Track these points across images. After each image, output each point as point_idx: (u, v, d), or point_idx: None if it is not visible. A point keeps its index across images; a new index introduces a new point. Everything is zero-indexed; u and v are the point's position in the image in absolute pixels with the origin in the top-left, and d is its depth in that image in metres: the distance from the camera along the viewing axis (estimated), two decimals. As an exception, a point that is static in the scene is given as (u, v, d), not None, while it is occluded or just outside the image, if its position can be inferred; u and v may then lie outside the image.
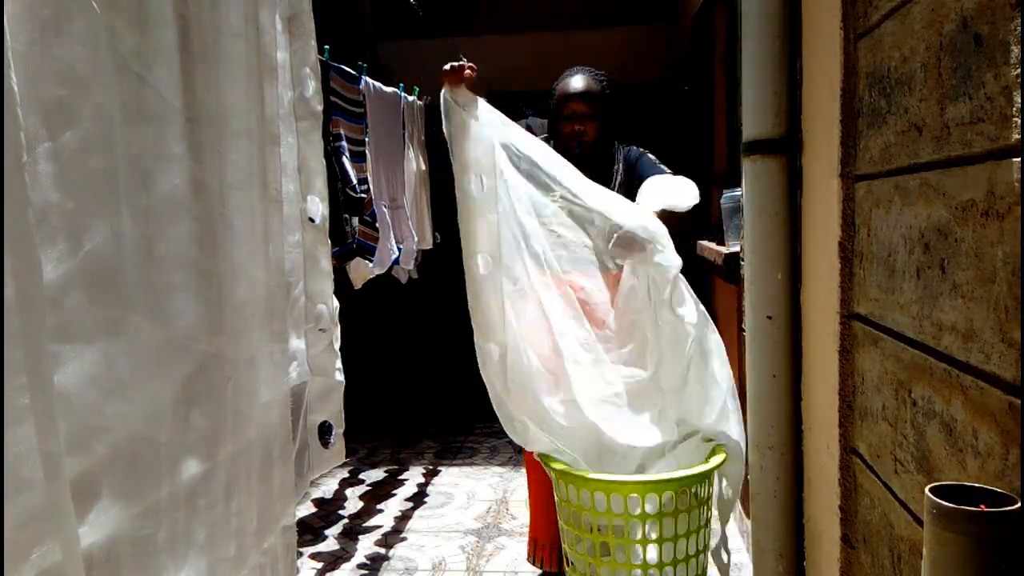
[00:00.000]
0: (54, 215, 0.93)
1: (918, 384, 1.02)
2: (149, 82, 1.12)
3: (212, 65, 1.27)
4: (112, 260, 1.02)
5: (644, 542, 1.84)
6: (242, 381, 1.34)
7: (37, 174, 0.91)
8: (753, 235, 1.64)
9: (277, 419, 1.50)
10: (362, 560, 2.91)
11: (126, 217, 1.04)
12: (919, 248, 1.01)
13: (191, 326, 1.19)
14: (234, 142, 1.33)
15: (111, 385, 1.01)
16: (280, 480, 1.50)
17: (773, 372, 1.63)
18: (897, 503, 1.11)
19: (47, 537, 0.86)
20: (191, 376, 1.19)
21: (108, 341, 1.01)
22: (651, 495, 1.83)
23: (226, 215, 1.29)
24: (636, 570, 1.87)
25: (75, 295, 0.96)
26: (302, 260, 1.83)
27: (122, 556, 1.03)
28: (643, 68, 5.98)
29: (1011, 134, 0.78)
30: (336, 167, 2.87)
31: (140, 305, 1.07)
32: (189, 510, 1.17)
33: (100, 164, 1.00)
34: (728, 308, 3.17)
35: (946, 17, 0.92)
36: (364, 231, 3.08)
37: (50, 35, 0.93)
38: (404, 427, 4.69)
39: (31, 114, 0.89)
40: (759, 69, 1.59)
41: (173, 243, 1.16)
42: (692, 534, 1.88)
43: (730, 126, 3.39)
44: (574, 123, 2.41)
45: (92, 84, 0.99)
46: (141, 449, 1.07)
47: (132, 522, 1.05)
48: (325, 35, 2.24)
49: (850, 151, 1.30)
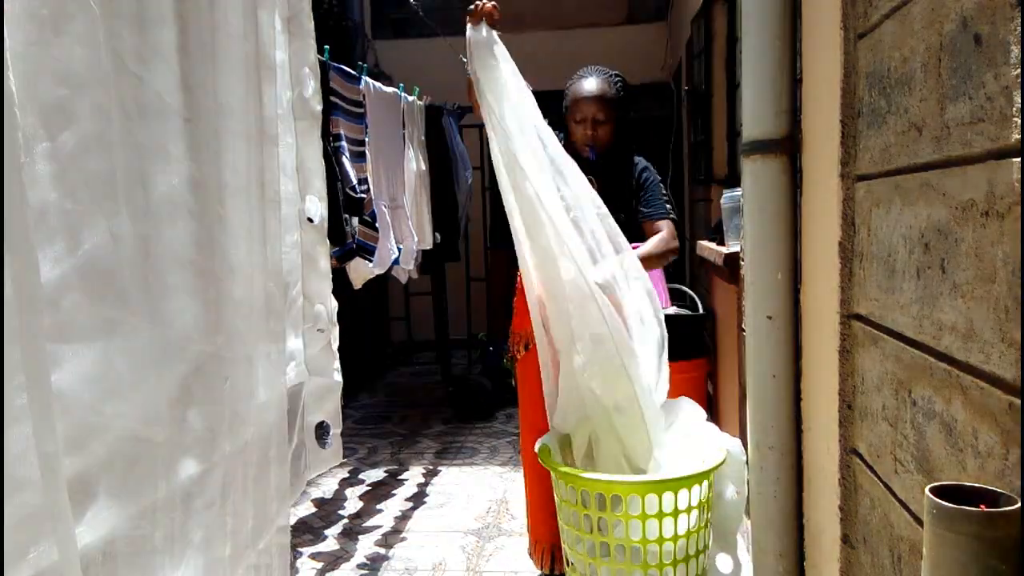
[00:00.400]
0: (52, 215, 0.93)
1: (918, 384, 1.02)
2: (147, 82, 1.12)
3: (210, 65, 1.27)
4: (110, 260, 1.02)
5: (644, 542, 1.84)
6: (239, 381, 1.34)
7: (35, 174, 0.91)
8: (753, 235, 1.64)
9: (274, 419, 1.50)
10: (362, 560, 2.91)
11: (124, 217, 1.04)
12: (919, 248, 1.01)
13: (189, 326, 1.19)
14: (232, 142, 1.33)
15: (109, 385, 1.01)
16: (276, 480, 1.50)
17: (773, 372, 1.62)
18: (897, 503, 1.10)
19: (44, 537, 0.86)
20: (188, 376, 1.19)
21: (106, 341, 1.01)
22: (651, 495, 1.83)
23: (224, 215, 1.29)
24: (636, 570, 1.86)
25: (73, 295, 0.96)
26: (300, 260, 1.83)
27: (119, 556, 1.03)
28: (643, 68, 5.98)
29: (1011, 134, 0.77)
30: (336, 167, 2.87)
31: (138, 305, 1.07)
32: (185, 510, 1.17)
33: (98, 164, 1.00)
34: (728, 308, 3.17)
35: (946, 17, 0.92)
36: (364, 231, 3.08)
37: (48, 35, 0.93)
38: (404, 427, 4.69)
39: (29, 114, 0.89)
40: (759, 69, 1.59)
41: (171, 243, 1.16)
42: (692, 534, 1.87)
43: (730, 126, 3.39)
44: (587, 127, 2.38)
45: (90, 84, 0.99)
46: (138, 449, 1.07)
47: (129, 522, 1.05)
48: (325, 35, 2.24)
49: (850, 151, 1.30)
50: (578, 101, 2.38)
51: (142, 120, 1.11)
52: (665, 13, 6.14)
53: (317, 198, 1.89)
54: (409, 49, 6.45)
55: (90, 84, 0.99)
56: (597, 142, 2.39)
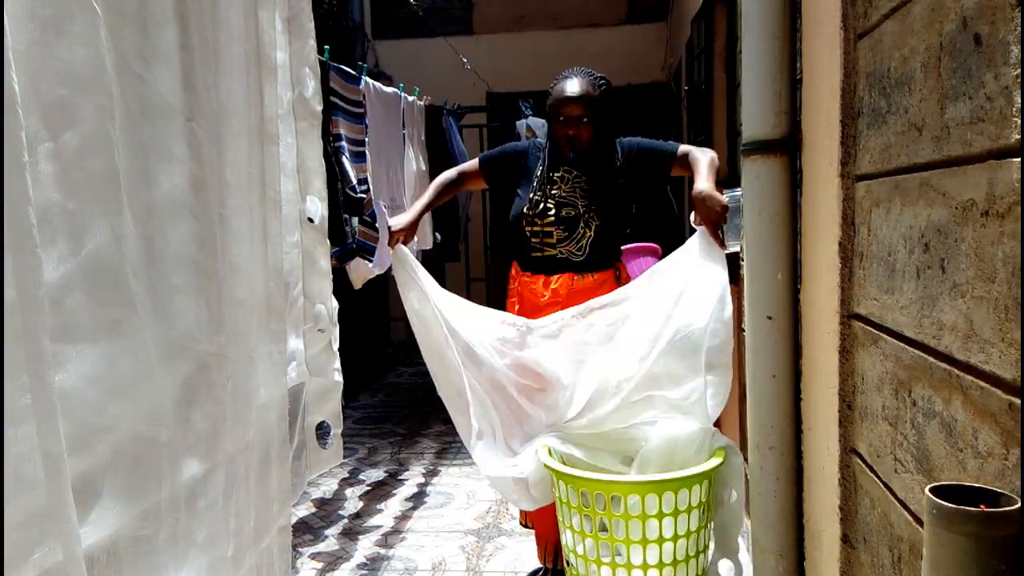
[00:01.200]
0: (55, 215, 0.94)
1: (918, 384, 1.02)
2: (149, 82, 1.12)
3: (212, 65, 1.27)
4: (113, 260, 1.02)
5: (644, 542, 1.84)
6: (241, 381, 1.34)
7: (38, 174, 0.91)
8: (753, 235, 1.64)
9: (275, 419, 1.50)
10: (362, 560, 2.91)
11: (127, 217, 1.04)
12: (919, 248, 1.01)
13: (191, 326, 1.19)
14: (233, 142, 1.33)
15: (112, 385, 1.01)
16: (277, 480, 1.50)
17: (773, 372, 1.63)
18: (897, 503, 1.11)
19: (49, 537, 0.86)
20: (191, 376, 1.19)
21: (109, 341, 1.01)
22: (650, 495, 1.83)
23: (225, 215, 1.29)
24: (636, 570, 1.87)
25: (76, 295, 0.96)
26: (301, 260, 1.83)
27: (123, 556, 1.03)
28: (643, 68, 5.98)
29: (1011, 134, 0.78)
30: (336, 167, 2.87)
31: (141, 305, 1.07)
32: (189, 510, 1.17)
33: (100, 164, 1.00)
34: (728, 308, 3.16)
35: (946, 17, 0.92)
36: (364, 231, 3.08)
37: (51, 35, 0.93)
38: (404, 427, 4.69)
39: (32, 114, 0.89)
40: (759, 69, 1.59)
41: (173, 243, 1.16)
42: (692, 535, 1.88)
43: (730, 126, 3.39)
44: (568, 127, 2.40)
45: (92, 84, 0.99)
46: (142, 449, 1.07)
47: (133, 522, 1.05)
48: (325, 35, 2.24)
49: (850, 151, 1.30)
50: (559, 101, 2.42)
51: (144, 120, 1.11)
52: (665, 13, 6.14)
53: (317, 198, 1.89)
54: (409, 49, 6.45)
55: (92, 84, 0.99)
56: (577, 142, 2.41)
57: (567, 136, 2.40)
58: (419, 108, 4.00)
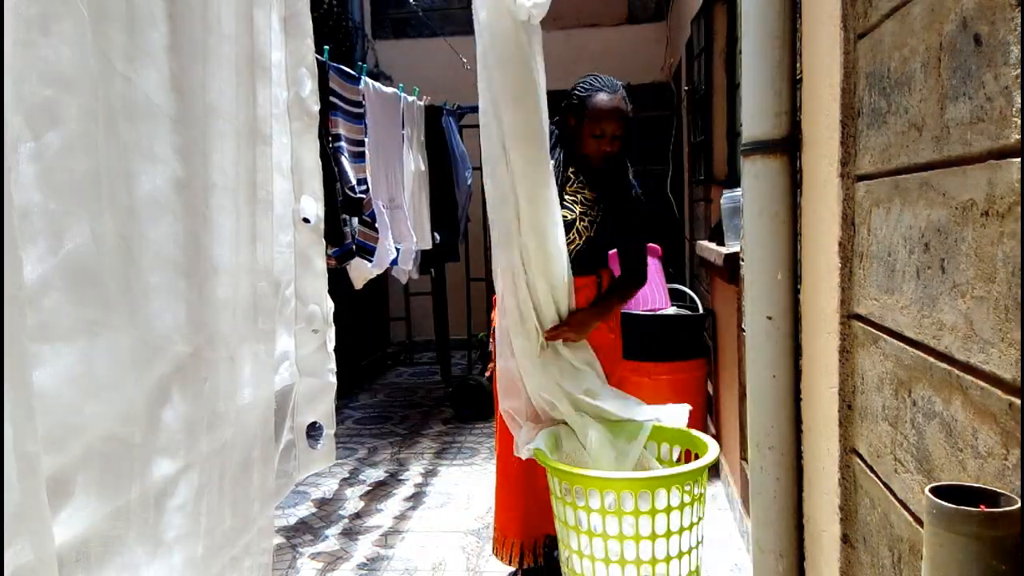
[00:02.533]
0: (36, 215, 0.93)
1: (918, 384, 1.02)
2: (135, 83, 1.11)
3: (200, 66, 1.26)
4: (92, 260, 1.01)
5: (637, 538, 1.84)
6: (220, 381, 1.32)
7: (19, 174, 0.90)
8: (753, 235, 1.63)
9: (259, 419, 1.48)
10: (362, 560, 2.91)
11: (107, 217, 1.03)
12: (919, 248, 1.01)
13: (169, 326, 1.18)
14: (220, 142, 1.32)
15: (88, 384, 1.01)
16: (260, 481, 1.48)
17: (773, 372, 1.62)
18: (897, 503, 1.10)
19: (21, 536, 0.85)
20: (167, 376, 1.18)
21: (86, 341, 1.01)
22: (643, 492, 1.84)
23: (208, 215, 1.28)
24: (630, 566, 1.87)
25: (54, 295, 0.96)
26: (293, 260, 1.82)
27: (92, 555, 1.03)
28: (643, 68, 5.98)
29: (1011, 134, 0.77)
30: (335, 167, 2.87)
31: (119, 305, 1.06)
32: (159, 509, 1.16)
33: (83, 164, 1.00)
34: (728, 308, 3.16)
35: (946, 17, 0.92)
36: (363, 231, 3.08)
37: (36, 35, 0.93)
38: (404, 427, 4.69)
39: (15, 114, 0.89)
40: (759, 69, 1.59)
41: (153, 243, 1.15)
42: (685, 530, 1.88)
43: (730, 126, 3.39)
44: (606, 143, 2.41)
45: (77, 84, 0.99)
46: (115, 448, 1.06)
47: (104, 521, 1.04)
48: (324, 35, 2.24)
49: (850, 151, 1.30)
50: (599, 117, 2.39)
51: (128, 120, 1.10)
52: (665, 13, 6.14)
53: (313, 198, 1.88)
54: (409, 49, 6.45)
55: (76, 84, 0.98)
56: (609, 157, 2.45)
57: (604, 151, 2.42)
58: (419, 108, 3.99)
